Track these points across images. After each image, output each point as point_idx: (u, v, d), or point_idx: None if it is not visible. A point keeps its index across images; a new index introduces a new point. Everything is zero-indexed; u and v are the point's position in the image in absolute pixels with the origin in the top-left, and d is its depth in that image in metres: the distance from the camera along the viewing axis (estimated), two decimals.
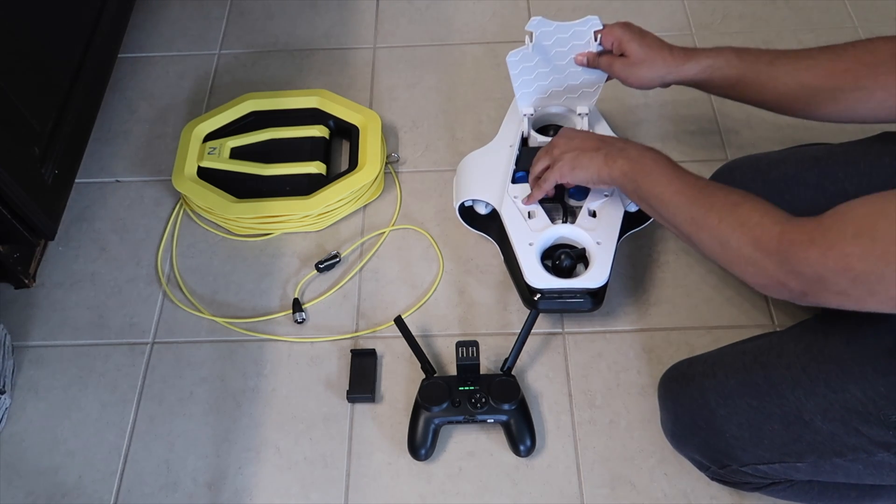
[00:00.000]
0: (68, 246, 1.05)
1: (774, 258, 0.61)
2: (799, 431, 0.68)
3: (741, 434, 0.72)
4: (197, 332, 0.97)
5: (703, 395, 0.74)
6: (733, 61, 0.82)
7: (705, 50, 0.84)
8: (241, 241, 1.04)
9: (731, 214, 0.66)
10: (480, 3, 1.31)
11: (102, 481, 0.86)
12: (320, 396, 0.91)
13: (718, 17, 1.27)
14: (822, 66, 0.76)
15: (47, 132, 0.93)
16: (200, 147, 1.08)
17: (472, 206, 1.00)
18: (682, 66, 0.84)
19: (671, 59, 0.84)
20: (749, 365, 0.72)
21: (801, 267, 0.58)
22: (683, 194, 0.72)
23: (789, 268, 0.60)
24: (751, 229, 0.63)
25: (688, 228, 0.70)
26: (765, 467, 0.73)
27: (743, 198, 0.67)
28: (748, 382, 0.71)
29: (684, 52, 0.84)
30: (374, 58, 1.25)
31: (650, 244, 1.01)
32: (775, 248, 0.61)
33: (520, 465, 0.86)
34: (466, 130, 1.14)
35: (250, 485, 0.86)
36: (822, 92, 0.76)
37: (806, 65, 0.77)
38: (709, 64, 0.83)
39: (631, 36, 0.86)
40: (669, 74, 0.85)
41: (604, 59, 0.90)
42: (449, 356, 0.93)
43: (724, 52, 0.82)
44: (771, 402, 0.69)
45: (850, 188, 0.79)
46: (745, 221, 0.64)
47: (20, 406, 0.92)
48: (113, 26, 1.11)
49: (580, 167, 0.82)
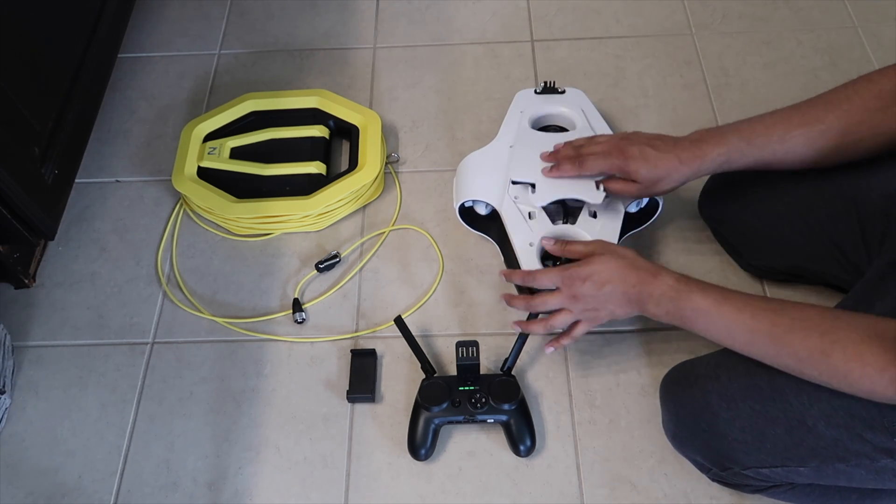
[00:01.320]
0: (68, 246, 1.05)
1: (889, 396, 0.60)
2: (802, 436, 0.67)
3: (744, 438, 0.71)
4: (197, 332, 0.97)
5: (705, 398, 0.74)
6: (744, 149, 0.78)
7: (711, 140, 0.79)
8: (241, 241, 1.05)
9: (825, 365, 0.62)
10: (480, 3, 1.31)
11: (102, 481, 0.86)
12: (320, 396, 0.91)
13: (718, 17, 1.27)
14: (834, 128, 0.74)
15: (47, 132, 0.93)
16: (200, 147, 1.08)
17: (473, 207, 1.00)
18: (696, 169, 0.80)
19: (682, 167, 0.80)
20: (752, 368, 0.71)
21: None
22: (756, 344, 0.68)
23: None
24: (857, 381, 0.60)
25: (783, 366, 0.67)
26: (767, 471, 0.72)
27: (824, 336, 0.62)
28: (751, 386, 0.70)
29: (693, 154, 0.79)
30: (374, 58, 1.25)
31: (650, 244, 1.01)
32: (889, 392, 0.59)
33: (520, 465, 0.86)
34: (466, 130, 1.14)
35: (250, 485, 0.86)
36: (843, 148, 0.75)
37: (819, 131, 0.75)
38: (722, 161, 0.79)
39: (634, 165, 0.81)
40: (687, 179, 0.82)
41: (617, 185, 0.86)
42: (449, 356, 0.93)
43: (730, 141, 0.78)
44: (774, 406, 0.69)
45: (848, 188, 0.79)
46: (847, 374, 0.61)
47: (20, 406, 0.92)
48: (113, 26, 1.11)
49: (610, 317, 0.78)
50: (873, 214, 0.76)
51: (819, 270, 0.86)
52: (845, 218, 0.79)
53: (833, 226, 0.80)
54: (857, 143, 0.74)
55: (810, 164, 0.78)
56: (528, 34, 1.26)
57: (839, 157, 0.76)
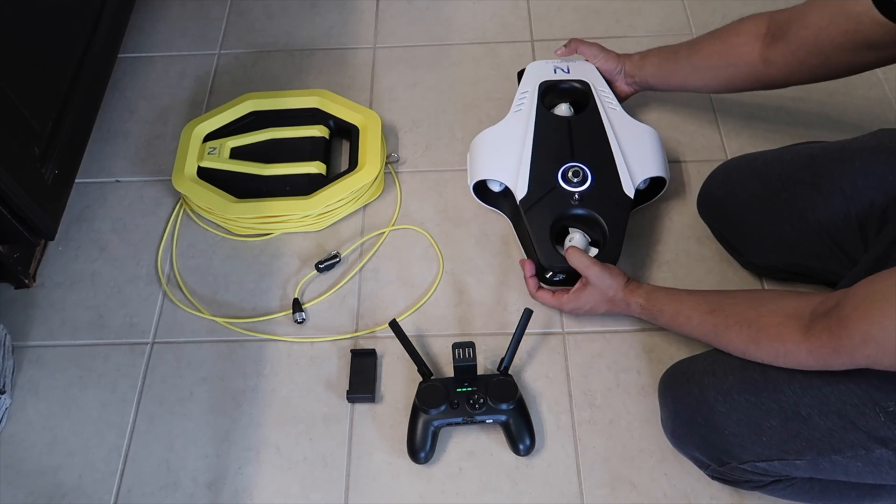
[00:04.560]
0: (68, 246, 1.05)
1: (812, 364, 0.66)
2: (797, 427, 0.68)
3: (740, 431, 0.72)
4: (197, 332, 0.97)
5: (702, 392, 0.75)
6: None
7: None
8: (241, 241, 1.05)
9: (761, 351, 0.70)
10: (480, 3, 1.31)
11: (102, 481, 0.86)
12: (320, 396, 0.91)
13: (718, 17, 1.27)
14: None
15: (47, 132, 0.93)
16: (200, 147, 1.08)
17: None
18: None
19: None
20: (747, 361, 0.72)
21: (837, 364, 0.64)
22: (712, 343, 0.77)
23: (827, 363, 0.65)
24: (787, 358, 0.68)
25: (742, 357, 0.74)
26: (764, 464, 0.73)
27: (751, 327, 0.71)
28: (746, 378, 0.72)
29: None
30: (374, 58, 1.25)
31: (650, 244, 1.01)
32: (810, 362, 0.66)
33: (520, 465, 0.86)
34: (466, 130, 1.14)
35: (250, 485, 0.86)
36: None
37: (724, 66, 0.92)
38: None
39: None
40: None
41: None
42: (448, 356, 0.92)
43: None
44: (768, 396, 0.70)
45: (846, 186, 0.80)
46: (778, 355, 0.68)
47: (20, 406, 0.92)
48: (113, 26, 1.11)
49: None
50: (871, 212, 0.77)
51: (819, 268, 0.86)
52: (843, 215, 0.79)
53: (832, 223, 0.81)
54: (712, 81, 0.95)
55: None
56: (528, 34, 1.26)
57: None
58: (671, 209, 1.04)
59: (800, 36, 0.79)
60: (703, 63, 0.93)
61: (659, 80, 1.01)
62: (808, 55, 0.80)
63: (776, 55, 0.83)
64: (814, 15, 0.77)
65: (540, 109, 1.02)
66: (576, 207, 0.93)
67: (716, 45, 0.91)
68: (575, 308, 0.91)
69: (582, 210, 0.93)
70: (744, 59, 0.87)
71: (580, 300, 0.89)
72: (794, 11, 0.80)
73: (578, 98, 1.05)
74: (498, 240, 1.03)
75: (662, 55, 0.99)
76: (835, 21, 0.74)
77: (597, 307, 0.89)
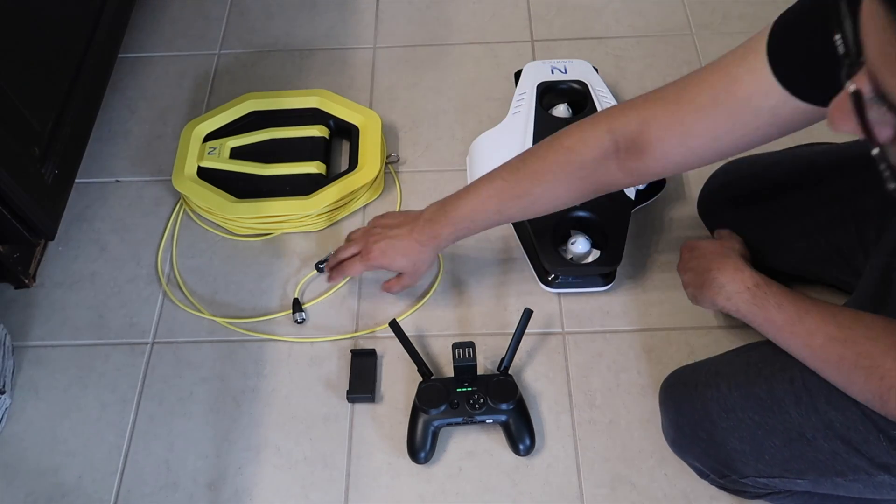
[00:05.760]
0: (68, 246, 1.05)
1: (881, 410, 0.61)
2: (801, 449, 0.67)
3: (742, 448, 0.71)
4: (197, 332, 0.97)
5: (704, 407, 0.74)
6: (469, 225, 0.83)
7: (440, 221, 0.84)
8: (241, 241, 1.04)
9: (883, 409, 0.61)
10: (480, 3, 1.31)
11: (102, 481, 0.86)
12: (320, 396, 0.91)
13: (718, 17, 1.27)
14: (543, 198, 0.78)
15: (47, 132, 0.93)
16: (200, 147, 1.08)
17: None
18: (435, 248, 0.86)
19: (424, 248, 0.86)
20: (752, 378, 0.71)
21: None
22: (822, 370, 0.66)
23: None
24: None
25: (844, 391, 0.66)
26: (765, 480, 0.72)
27: (883, 381, 0.60)
28: (751, 396, 0.70)
29: (428, 235, 0.85)
30: (374, 58, 1.25)
31: (650, 244, 1.01)
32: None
33: (520, 465, 0.86)
34: (466, 130, 1.14)
35: (250, 485, 0.86)
36: (555, 208, 0.80)
37: (529, 201, 0.78)
38: (454, 237, 0.84)
39: (386, 261, 0.88)
40: (432, 258, 0.89)
41: (394, 286, 0.93)
42: (448, 357, 0.92)
43: (455, 221, 0.82)
44: (774, 417, 0.68)
45: (845, 191, 0.79)
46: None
47: (20, 406, 0.92)
48: (113, 26, 1.11)
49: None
50: (869, 218, 0.77)
51: (819, 272, 0.86)
52: (842, 221, 0.79)
53: (831, 229, 0.80)
54: (567, 203, 0.79)
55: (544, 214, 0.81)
56: (528, 34, 1.27)
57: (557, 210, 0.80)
58: (671, 209, 1.04)
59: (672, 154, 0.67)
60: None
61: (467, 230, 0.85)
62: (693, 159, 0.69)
63: (643, 168, 0.70)
64: (697, 125, 0.63)
65: (538, 111, 1.02)
66: (577, 209, 0.93)
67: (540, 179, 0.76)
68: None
69: (583, 212, 0.93)
70: (598, 176, 0.73)
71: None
72: (652, 118, 0.66)
73: (576, 98, 1.05)
74: (498, 240, 1.03)
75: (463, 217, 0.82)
76: (734, 129, 0.62)
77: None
